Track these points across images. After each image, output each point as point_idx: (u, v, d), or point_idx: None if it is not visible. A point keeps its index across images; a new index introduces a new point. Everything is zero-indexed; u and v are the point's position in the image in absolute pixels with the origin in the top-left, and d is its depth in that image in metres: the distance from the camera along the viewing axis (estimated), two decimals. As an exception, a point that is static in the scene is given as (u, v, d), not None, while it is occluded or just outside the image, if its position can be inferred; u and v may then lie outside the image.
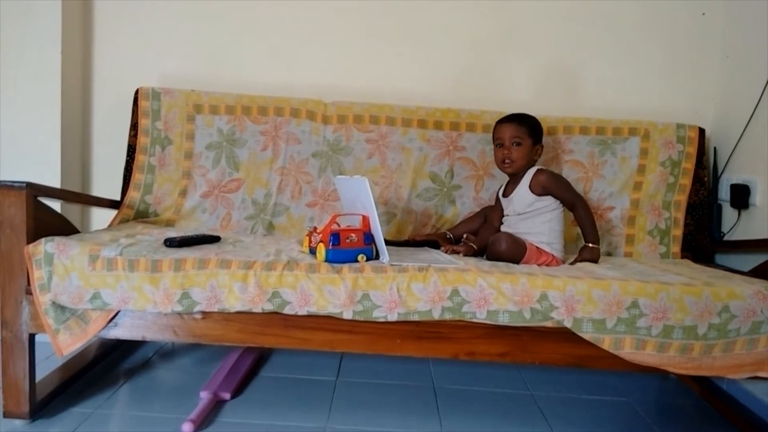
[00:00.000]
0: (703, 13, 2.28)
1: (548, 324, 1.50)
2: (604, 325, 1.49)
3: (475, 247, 1.87)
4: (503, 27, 2.31)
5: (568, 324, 1.48)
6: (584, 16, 2.30)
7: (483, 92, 2.32)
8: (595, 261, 1.81)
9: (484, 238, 1.89)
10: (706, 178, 2.17)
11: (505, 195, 1.93)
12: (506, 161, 1.88)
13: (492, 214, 2.00)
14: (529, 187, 1.84)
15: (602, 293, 1.48)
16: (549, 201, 1.84)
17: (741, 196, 2.04)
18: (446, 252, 1.83)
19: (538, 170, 1.87)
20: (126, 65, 2.29)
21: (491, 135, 2.13)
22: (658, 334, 1.49)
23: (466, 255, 1.82)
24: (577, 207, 1.85)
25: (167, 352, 2.15)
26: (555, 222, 1.85)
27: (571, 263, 1.81)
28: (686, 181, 2.14)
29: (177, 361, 2.09)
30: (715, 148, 2.22)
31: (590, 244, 1.82)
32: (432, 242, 2.02)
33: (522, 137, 1.86)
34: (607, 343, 1.49)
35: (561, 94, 2.32)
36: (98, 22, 2.27)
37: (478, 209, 2.13)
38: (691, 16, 2.29)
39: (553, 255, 1.81)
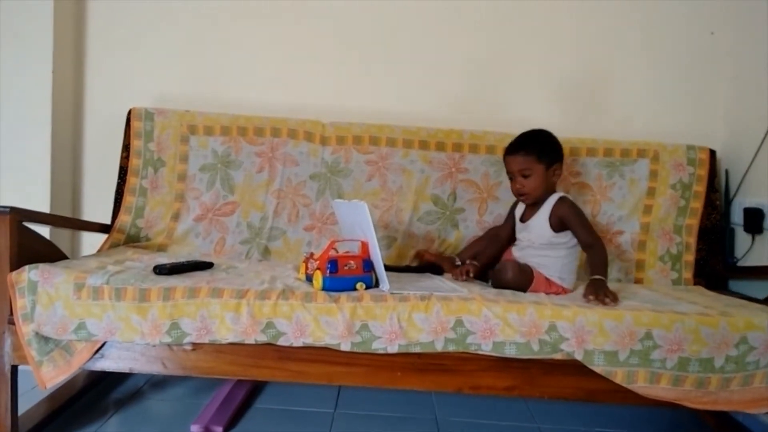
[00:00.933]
0: (712, 33, 2.24)
1: (558, 356, 1.43)
2: (617, 358, 1.42)
3: (477, 264, 1.82)
4: (506, 48, 2.27)
5: (578, 356, 1.42)
6: (591, 37, 2.27)
7: (486, 113, 2.27)
8: (600, 291, 1.61)
9: (490, 255, 1.85)
10: (718, 202, 2.11)
11: (522, 219, 1.85)
12: (521, 195, 1.80)
13: (501, 230, 1.93)
14: (549, 219, 1.75)
15: (614, 324, 1.42)
16: (567, 238, 1.75)
17: (755, 220, 1.98)
18: (457, 278, 1.76)
19: (560, 199, 1.76)
20: (118, 85, 2.25)
21: (495, 157, 2.10)
22: (673, 367, 1.43)
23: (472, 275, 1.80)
24: (593, 249, 1.72)
25: (158, 382, 2.07)
26: (571, 258, 1.77)
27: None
28: (698, 205, 2.08)
29: (169, 390, 2.01)
30: (726, 170, 2.16)
31: (597, 276, 1.65)
32: (435, 267, 1.96)
33: (530, 167, 1.75)
34: (619, 377, 1.43)
35: (567, 115, 2.28)
36: (90, 41, 2.24)
37: (481, 233, 2.06)
38: (699, 36, 2.25)
39: (563, 287, 1.73)
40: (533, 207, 1.80)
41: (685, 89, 2.26)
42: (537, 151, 1.75)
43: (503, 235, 1.91)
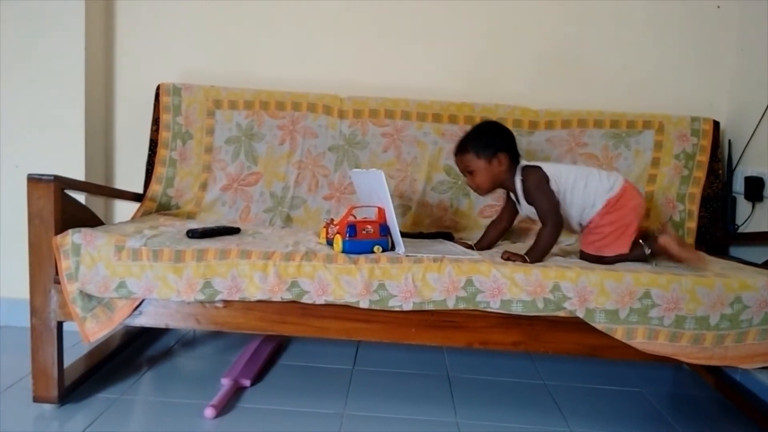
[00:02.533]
0: (718, 6, 2.28)
1: (561, 314, 1.52)
2: (617, 316, 1.51)
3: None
4: (517, 21, 2.32)
5: (580, 314, 1.51)
6: (598, 10, 2.31)
7: (497, 86, 2.34)
8: (510, 259, 1.65)
9: (491, 239, 1.92)
10: (720, 171, 2.17)
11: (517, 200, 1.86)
12: (475, 191, 1.87)
13: (503, 213, 1.94)
14: (525, 198, 1.79)
15: (615, 284, 1.51)
16: (562, 191, 1.77)
17: (755, 188, 2.04)
18: (505, 258, 1.68)
19: (524, 174, 1.77)
20: (147, 62, 2.34)
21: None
22: (671, 324, 1.51)
23: None
24: (546, 224, 1.72)
25: (189, 341, 2.21)
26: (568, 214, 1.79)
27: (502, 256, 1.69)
28: (700, 174, 2.14)
29: (198, 349, 2.14)
30: (729, 140, 2.22)
31: (525, 254, 1.66)
32: (446, 234, 2.05)
33: (469, 163, 1.79)
34: (619, 333, 1.52)
35: (575, 87, 2.33)
36: (120, 20, 2.33)
37: (491, 202, 2.15)
38: (706, 9, 2.29)
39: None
40: (510, 189, 1.83)
41: (691, 62, 2.31)
42: (473, 148, 1.78)
43: (505, 216, 1.93)
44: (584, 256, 1.77)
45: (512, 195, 1.86)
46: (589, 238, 1.78)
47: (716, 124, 2.17)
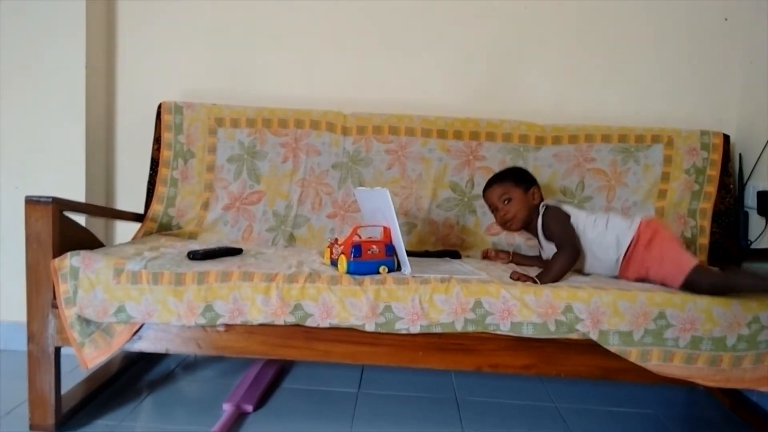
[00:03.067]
0: (726, 19, 2.26)
1: (573, 336, 1.48)
2: (631, 337, 1.47)
3: (509, 253, 2.00)
4: (522, 36, 2.30)
5: (594, 336, 1.47)
6: (605, 24, 2.29)
7: (503, 101, 2.31)
8: (520, 279, 1.59)
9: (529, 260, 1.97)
10: (731, 186, 2.13)
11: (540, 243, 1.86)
12: (506, 222, 1.85)
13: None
14: (545, 237, 1.80)
15: (628, 305, 1.47)
16: (579, 232, 1.78)
17: (768, 203, 2.00)
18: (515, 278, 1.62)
19: (544, 210, 1.81)
20: (149, 80, 2.32)
21: (511, 144, 2.15)
22: (686, 346, 1.47)
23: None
24: (558, 252, 1.70)
25: (190, 364, 2.16)
26: (599, 242, 1.75)
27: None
28: (711, 189, 2.10)
29: (199, 372, 2.10)
30: (740, 154, 2.19)
31: (537, 277, 1.61)
32: (453, 252, 2.02)
33: (508, 191, 1.84)
34: (634, 356, 1.48)
35: (582, 101, 2.31)
36: (121, 37, 2.31)
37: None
38: (713, 22, 2.26)
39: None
40: (533, 232, 1.86)
41: (699, 75, 2.28)
42: (511, 178, 1.86)
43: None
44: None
45: (537, 240, 1.86)
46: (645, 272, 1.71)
47: (726, 137, 2.14)
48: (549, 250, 1.78)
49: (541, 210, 1.82)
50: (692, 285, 1.55)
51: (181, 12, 2.31)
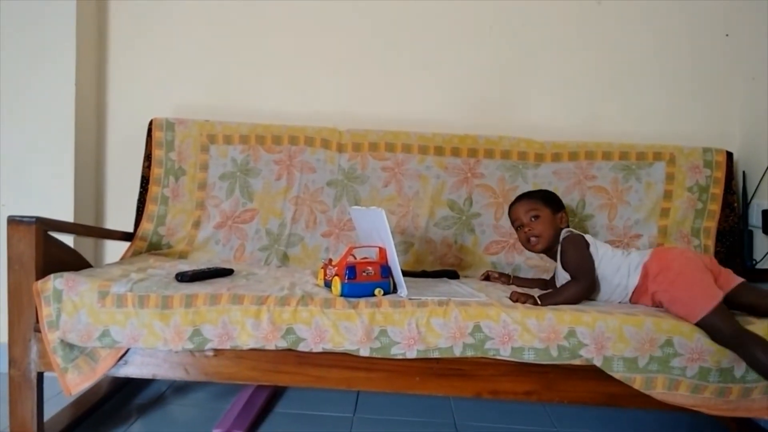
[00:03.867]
0: (727, 35, 2.23)
1: (576, 362, 1.43)
2: (636, 364, 1.42)
3: (509, 276, 1.94)
4: (521, 52, 2.28)
5: (597, 363, 1.42)
6: (605, 41, 2.27)
7: (501, 118, 2.28)
8: (519, 300, 1.54)
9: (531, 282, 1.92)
10: (735, 204, 2.09)
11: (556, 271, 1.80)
12: (531, 239, 1.78)
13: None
14: (563, 266, 1.72)
15: (634, 330, 1.42)
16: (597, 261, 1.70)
17: (773, 222, 1.96)
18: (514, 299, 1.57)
19: (566, 237, 1.74)
20: (140, 96, 2.29)
21: (510, 162, 2.11)
22: (694, 376, 1.42)
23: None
24: (575, 280, 1.64)
25: (180, 387, 2.10)
26: (609, 273, 1.68)
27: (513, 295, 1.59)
28: (715, 207, 2.06)
29: (191, 395, 2.04)
30: (744, 172, 2.15)
31: (540, 297, 1.56)
32: (450, 272, 1.97)
33: (538, 208, 1.78)
34: (638, 383, 1.42)
35: (582, 118, 2.28)
36: (112, 53, 2.28)
37: (498, 237, 2.07)
38: (714, 38, 2.24)
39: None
40: (552, 257, 1.81)
41: (700, 92, 2.25)
42: (541, 197, 1.82)
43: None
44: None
45: (555, 265, 1.80)
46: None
47: (729, 155, 2.10)
48: (563, 278, 1.72)
49: (563, 235, 1.75)
50: (709, 330, 1.43)
51: (173, 28, 2.28)
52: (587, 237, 1.76)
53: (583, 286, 1.62)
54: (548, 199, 1.82)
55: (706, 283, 1.51)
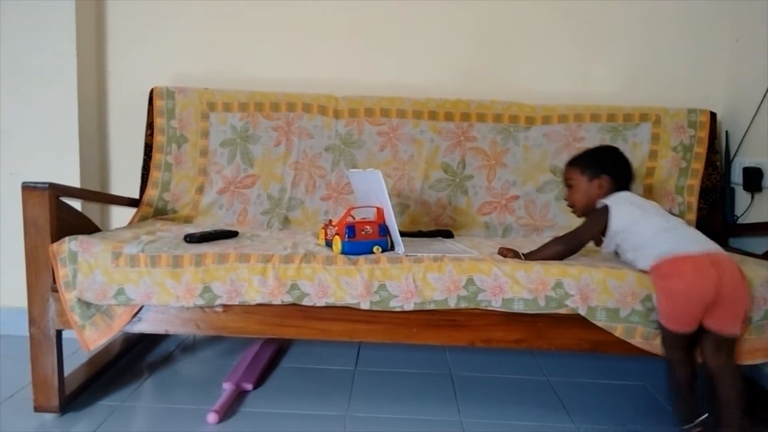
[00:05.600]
0: (717, -4, 2.27)
1: (563, 311, 1.51)
2: (618, 315, 1.50)
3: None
4: (510, 17, 2.31)
5: (582, 312, 1.50)
6: (593, 5, 2.30)
7: (493, 82, 2.32)
8: (502, 254, 1.64)
9: None
10: (718, 162, 2.17)
11: None
12: (569, 206, 1.80)
13: None
14: None
15: (617, 283, 1.50)
16: (613, 233, 1.61)
17: (754, 179, 2.04)
18: (502, 254, 1.65)
19: (597, 208, 1.67)
20: (140, 65, 2.32)
21: (501, 125, 2.17)
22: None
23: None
24: (562, 239, 1.65)
25: (189, 346, 2.19)
26: (635, 240, 1.58)
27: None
28: (698, 166, 2.14)
29: (199, 354, 2.13)
30: (726, 131, 2.22)
31: (524, 255, 1.63)
32: (445, 232, 2.05)
33: (572, 177, 1.75)
34: (619, 332, 1.51)
35: (570, 81, 2.33)
36: (111, 23, 2.31)
37: (491, 198, 2.15)
38: (700, 1, 2.27)
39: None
40: None
41: (686, 53, 2.30)
42: (582, 163, 1.75)
43: None
44: None
45: None
46: None
47: (713, 115, 2.17)
48: (607, 244, 1.65)
49: (598, 205, 1.66)
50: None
51: (171, -4, 2.30)
52: (623, 207, 1.61)
53: (565, 249, 1.63)
54: (586, 165, 1.73)
55: (681, 311, 1.45)
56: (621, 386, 1.96)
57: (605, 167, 1.72)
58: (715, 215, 2.14)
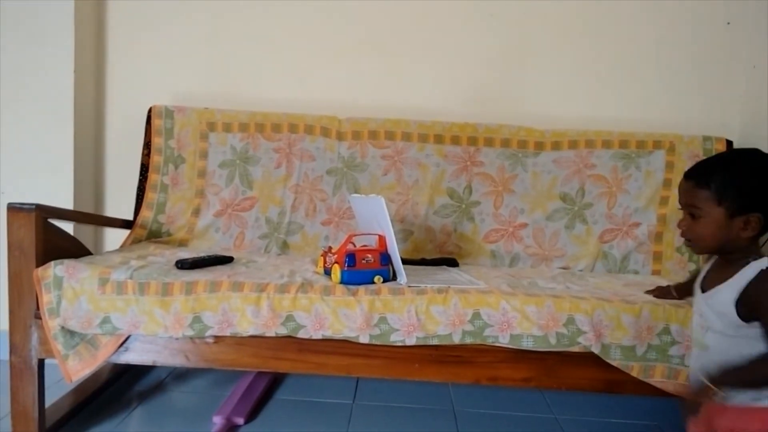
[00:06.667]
0: (728, 23, 2.22)
1: (575, 349, 1.43)
2: (634, 352, 1.42)
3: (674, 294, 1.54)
4: (521, 40, 2.27)
5: (595, 350, 1.42)
6: (606, 30, 2.25)
7: (501, 106, 2.27)
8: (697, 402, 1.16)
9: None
10: (735, 192, 2.09)
11: (702, 287, 1.20)
12: (687, 240, 1.20)
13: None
14: (739, 296, 1.09)
15: (632, 319, 1.42)
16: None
17: (773, 210, 1.95)
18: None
19: (762, 271, 1.08)
20: (139, 84, 2.28)
21: (510, 150, 2.10)
22: (693, 363, 1.42)
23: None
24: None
25: (181, 374, 2.11)
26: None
27: None
28: (714, 195, 2.06)
29: (191, 383, 2.05)
30: (743, 160, 2.15)
31: (712, 384, 1.10)
32: (450, 260, 1.97)
33: (701, 205, 1.12)
34: (636, 371, 1.43)
35: (582, 106, 2.27)
36: (111, 41, 2.27)
37: (498, 226, 2.07)
38: (715, 26, 2.23)
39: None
40: (721, 268, 1.17)
41: (701, 80, 2.24)
42: (719, 184, 1.10)
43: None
44: None
45: (701, 275, 1.24)
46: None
47: (729, 143, 2.10)
48: (711, 307, 1.15)
49: (756, 266, 1.09)
50: None
51: (172, 15, 2.26)
52: None
53: None
54: (729, 191, 1.10)
55: None
56: (635, 426, 1.87)
57: (754, 201, 1.10)
58: (731, 247, 2.05)
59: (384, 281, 1.55)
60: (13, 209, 1.48)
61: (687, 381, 1.35)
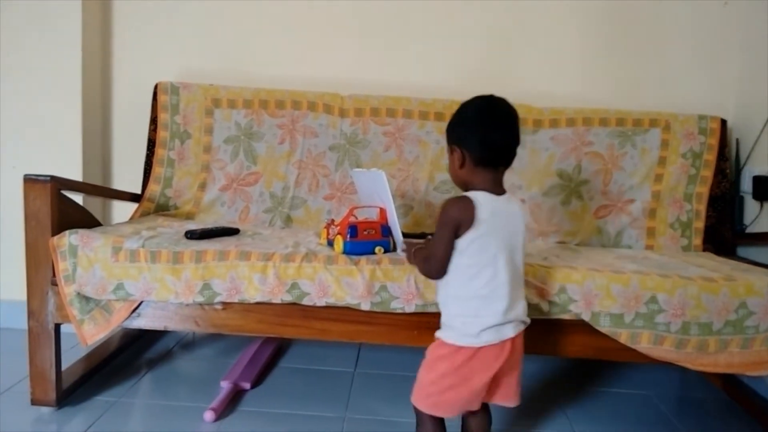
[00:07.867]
0: (726, 3, 2.25)
1: (566, 316, 1.49)
2: (622, 320, 1.48)
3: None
4: (519, 19, 2.30)
5: (586, 317, 1.48)
6: (602, 9, 2.28)
7: (500, 84, 2.27)
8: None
9: None
10: (728, 170, 2.14)
11: None
12: None
13: None
14: None
15: (621, 288, 1.48)
16: (461, 252, 1.22)
17: (763, 187, 2.01)
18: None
19: (450, 198, 1.26)
20: (145, 61, 2.31)
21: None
22: (678, 331, 1.48)
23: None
24: (425, 261, 1.29)
25: (188, 343, 2.18)
26: (459, 284, 1.25)
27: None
28: (708, 173, 2.11)
29: (198, 351, 2.12)
30: (737, 139, 2.19)
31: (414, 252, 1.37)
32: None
33: (448, 145, 1.32)
34: (623, 338, 1.49)
35: (580, 85, 2.31)
36: (117, 18, 2.30)
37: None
38: (712, 7, 2.26)
39: (446, 343, 1.29)
40: None
41: (697, 60, 2.27)
42: (448, 129, 1.33)
43: None
44: None
45: None
46: None
47: (723, 122, 2.14)
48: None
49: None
50: None
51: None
52: (479, 199, 1.22)
53: (428, 266, 1.29)
54: (448, 129, 1.33)
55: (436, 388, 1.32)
56: (625, 395, 1.94)
57: (457, 135, 1.29)
58: (723, 224, 2.11)
59: (385, 252, 1.60)
60: (30, 180, 1.53)
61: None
